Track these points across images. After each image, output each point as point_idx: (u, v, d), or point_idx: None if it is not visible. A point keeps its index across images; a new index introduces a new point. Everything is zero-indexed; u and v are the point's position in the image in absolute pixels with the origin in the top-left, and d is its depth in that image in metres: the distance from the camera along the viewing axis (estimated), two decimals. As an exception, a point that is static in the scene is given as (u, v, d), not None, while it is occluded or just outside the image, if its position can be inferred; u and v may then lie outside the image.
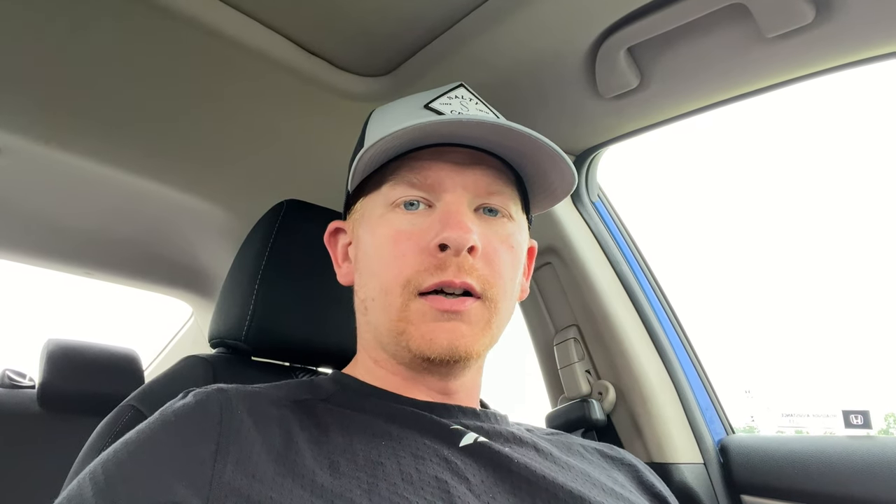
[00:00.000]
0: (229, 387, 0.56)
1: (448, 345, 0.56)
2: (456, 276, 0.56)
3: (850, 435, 0.95)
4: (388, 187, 0.61)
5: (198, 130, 1.07)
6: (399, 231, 0.59)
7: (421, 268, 0.57)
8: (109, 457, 0.49)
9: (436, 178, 0.60)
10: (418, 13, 0.83)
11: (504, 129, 0.57)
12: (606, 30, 0.82)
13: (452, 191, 0.60)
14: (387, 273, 0.58)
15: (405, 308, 0.57)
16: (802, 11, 0.72)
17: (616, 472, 0.66)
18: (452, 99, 0.66)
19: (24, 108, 1.01)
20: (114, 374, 1.40)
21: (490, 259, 0.59)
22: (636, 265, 1.19)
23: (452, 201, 0.59)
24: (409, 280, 0.57)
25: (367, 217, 0.63)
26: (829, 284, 4.41)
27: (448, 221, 0.57)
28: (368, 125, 0.69)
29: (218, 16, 0.83)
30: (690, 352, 1.16)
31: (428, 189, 0.60)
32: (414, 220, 0.59)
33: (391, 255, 0.58)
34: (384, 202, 0.61)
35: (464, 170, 0.60)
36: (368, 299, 0.61)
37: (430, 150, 0.61)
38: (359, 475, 0.49)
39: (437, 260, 0.57)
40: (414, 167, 0.60)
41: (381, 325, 0.60)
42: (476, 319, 0.58)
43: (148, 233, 1.47)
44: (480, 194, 0.61)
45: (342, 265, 0.69)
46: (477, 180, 0.61)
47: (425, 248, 0.57)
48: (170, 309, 2.02)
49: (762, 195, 5.62)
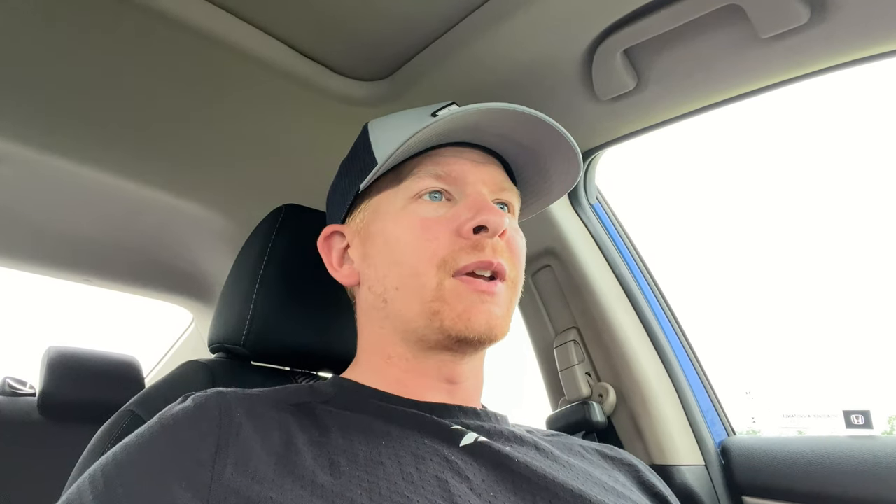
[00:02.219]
0: (228, 390, 0.56)
1: (486, 325, 0.58)
2: (493, 256, 0.59)
3: (852, 435, 0.95)
4: (412, 181, 0.63)
5: (196, 136, 1.07)
6: (426, 218, 0.61)
7: (456, 247, 0.59)
8: (109, 460, 0.49)
9: (459, 171, 0.63)
10: (415, 18, 0.84)
11: (533, 118, 0.61)
12: (603, 32, 0.82)
13: (475, 184, 0.63)
14: (418, 256, 0.60)
15: (440, 287, 0.59)
16: (797, 12, 0.73)
17: (616, 471, 0.67)
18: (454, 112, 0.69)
19: (22, 115, 1.01)
20: (114, 382, 1.41)
21: (511, 244, 0.63)
22: (635, 267, 1.19)
23: (477, 191, 0.63)
24: (444, 260, 0.59)
25: (385, 211, 0.65)
26: (830, 284, 4.40)
27: (481, 207, 0.60)
28: (372, 132, 0.70)
29: (216, 21, 0.83)
30: (690, 353, 1.16)
31: (452, 182, 0.63)
32: (439, 209, 0.62)
33: (422, 238, 0.60)
34: (406, 194, 0.63)
35: (481, 167, 0.65)
36: (390, 289, 0.62)
37: (450, 149, 0.65)
38: (359, 475, 0.49)
39: (473, 241, 0.59)
40: (437, 161, 0.64)
41: (408, 310, 0.61)
42: (503, 301, 0.61)
43: (147, 239, 1.47)
44: (495, 190, 0.65)
45: (340, 268, 0.70)
46: (494, 176, 0.65)
47: (458, 231, 0.60)
48: (170, 316, 2.02)
49: (761, 196, 5.63)
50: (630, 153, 1.14)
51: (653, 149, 1.11)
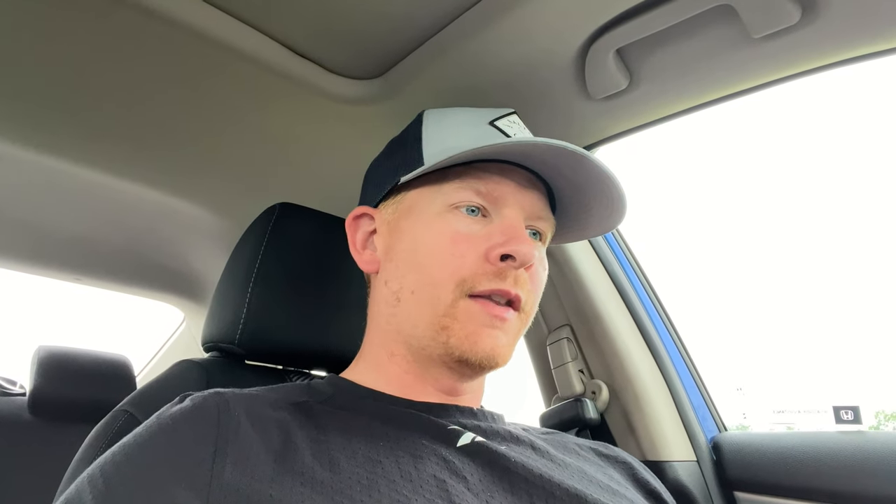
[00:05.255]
0: (226, 390, 0.56)
1: (490, 350, 0.58)
2: (513, 286, 0.59)
3: (841, 430, 0.96)
4: (453, 188, 0.62)
5: (189, 134, 1.07)
6: (458, 232, 0.61)
7: (479, 271, 0.59)
8: (107, 461, 0.49)
9: (501, 192, 0.62)
10: (408, 16, 0.83)
11: (584, 160, 0.60)
12: (595, 32, 0.83)
13: (514, 207, 0.63)
14: (440, 269, 0.60)
15: (454, 305, 0.59)
16: (789, 12, 0.73)
17: (612, 469, 0.67)
18: (513, 124, 0.69)
19: (11, 113, 1.00)
20: (106, 381, 1.40)
21: (534, 277, 0.63)
22: (627, 265, 1.20)
23: (514, 216, 0.62)
24: (464, 279, 0.59)
25: (419, 211, 0.64)
26: (819, 281, 4.44)
27: (515, 235, 0.60)
28: (425, 125, 0.69)
29: (208, 19, 0.83)
30: (682, 350, 1.17)
31: (492, 201, 0.62)
32: (472, 226, 0.61)
33: (448, 252, 0.60)
34: (445, 201, 0.62)
35: (524, 190, 0.64)
36: (405, 290, 0.62)
37: (497, 166, 0.63)
38: (358, 472, 0.49)
39: (497, 269, 0.59)
40: (482, 178, 0.62)
41: (417, 317, 0.61)
42: (512, 330, 0.60)
43: (138, 238, 1.46)
44: (531, 217, 0.64)
45: (363, 252, 0.69)
46: (533, 203, 0.64)
47: (485, 255, 0.59)
48: (160, 314, 2.01)
49: (751, 194, 5.67)
50: (620, 151, 1.15)
51: (642, 147, 1.12)
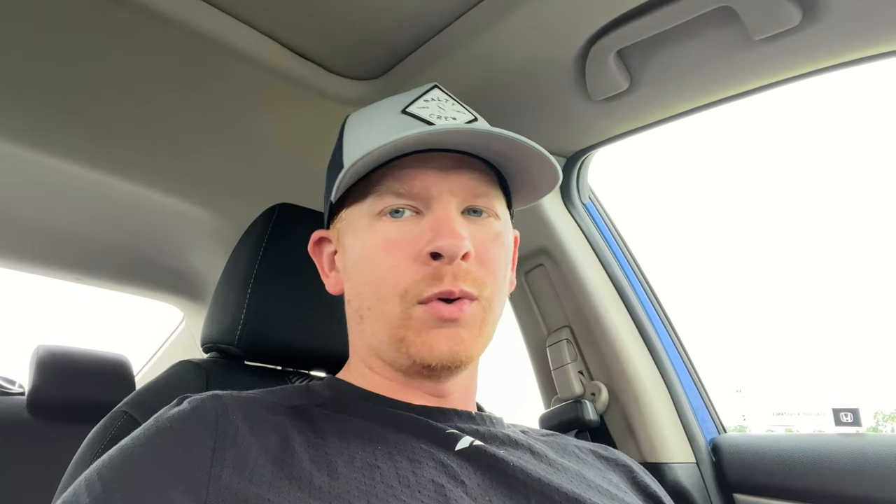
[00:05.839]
0: (224, 393, 0.56)
1: (448, 350, 0.56)
2: (453, 284, 0.56)
3: (840, 433, 0.96)
4: (374, 198, 0.60)
5: (188, 135, 1.07)
6: (388, 240, 0.58)
7: (417, 277, 0.57)
8: (105, 463, 0.48)
9: (422, 185, 0.59)
10: (409, 17, 0.83)
11: (488, 135, 0.57)
12: (596, 33, 0.83)
13: (439, 197, 0.59)
14: (382, 283, 0.58)
15: (406, 317, 0.57)
16: (789, 14, 0.73)
17: (611, 473, 0.67)
18: (429, 102, 0.65)
19: (11, 113, 1.00)
20: (104, 381, 1.40)
21: (483, 259, 0.59)
22: (627, 266, 1.20)
23: (441, 208, 0.59)
24: (406, 290, 0.57)
25: (354, 226, 0.62)
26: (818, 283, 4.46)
27: (440, 229, 0.56)
28: (346, 132, 0.68)
29: (208, 20, 0.83)
30: (682, 352, 1.17)
31: (414, 197, 0.59)
32: (402, 228, 0.59)
33: (384, 264, 0.58)
34: (370, 212, 0.60)
35: (449, 175, 0.60)
36: (364, 308, 0.61)
37: (414, 157, 0.60)
38: (356, 477, 0.49)
39: (432, 269, 0.56)
40: (398, 176, 0.59)
41: (378, 333, 0.60)
42: (473, 322, 0.58)
43: (138, 238, 1.46)
44: (467, 198, 0.61)
45: (329, 274, 0.69)
46: (463, 185, 0.60)
47: (418, 257, 0.57)
48: (159, 314, 2.01)
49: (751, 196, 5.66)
50: (621, 152, 1.15)
51: (644, 148, 1.12)
